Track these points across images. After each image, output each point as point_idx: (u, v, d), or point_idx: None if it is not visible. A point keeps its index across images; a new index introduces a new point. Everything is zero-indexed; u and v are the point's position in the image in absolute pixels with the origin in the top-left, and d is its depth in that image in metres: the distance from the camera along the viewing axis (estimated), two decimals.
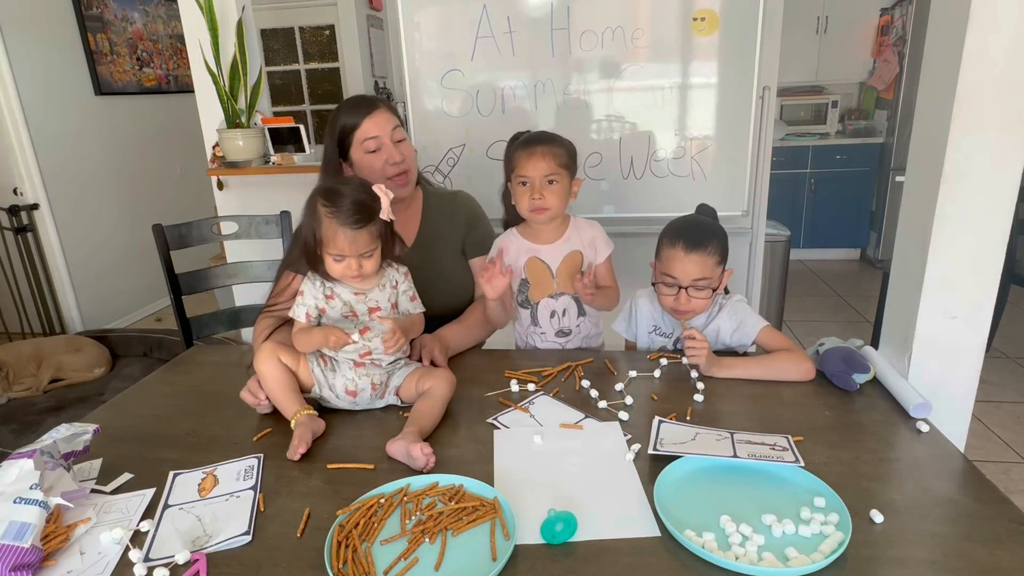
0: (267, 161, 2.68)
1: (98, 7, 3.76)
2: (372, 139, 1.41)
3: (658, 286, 1.34)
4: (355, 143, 1.42)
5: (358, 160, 1.43)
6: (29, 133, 3.38)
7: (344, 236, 1.09)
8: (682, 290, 1.30)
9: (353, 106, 1.45)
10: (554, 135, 1.40)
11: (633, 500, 0.91)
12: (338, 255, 1.12)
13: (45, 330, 3.41)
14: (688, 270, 1.28)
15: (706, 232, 1.32)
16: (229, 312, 1.97)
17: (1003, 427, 2.51)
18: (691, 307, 1.31)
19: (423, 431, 1.07)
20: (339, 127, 1.43)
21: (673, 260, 1.30)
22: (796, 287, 4.09)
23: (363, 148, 1.41)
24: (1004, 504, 0.88)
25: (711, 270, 1.29)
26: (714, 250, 1.29)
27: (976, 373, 1.22)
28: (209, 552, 0.84)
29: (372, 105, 1.43)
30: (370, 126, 1.41)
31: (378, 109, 1.43)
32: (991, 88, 1.06)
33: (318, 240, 1.12)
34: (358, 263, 1.12)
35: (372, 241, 1.13)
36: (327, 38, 5.18)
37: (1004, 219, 1.13)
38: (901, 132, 4.26)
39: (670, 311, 1.35)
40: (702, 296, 1.30)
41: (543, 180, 1.34)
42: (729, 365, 1.26)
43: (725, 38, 1.99)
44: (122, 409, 1.28)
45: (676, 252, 1.29)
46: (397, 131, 1.44)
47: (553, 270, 1.43)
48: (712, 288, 1.30)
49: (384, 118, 1.43)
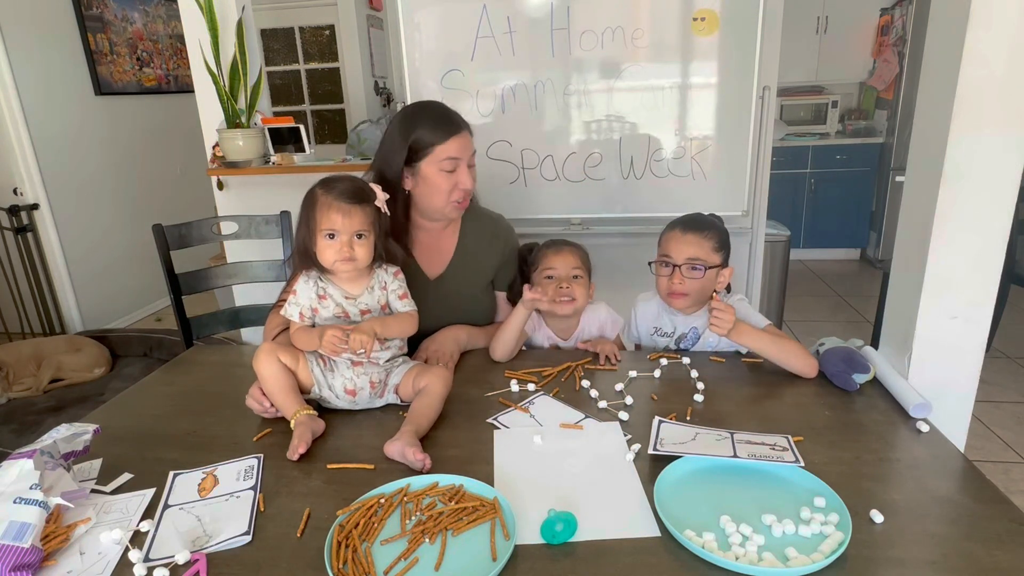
0: (267, 161, 2.68)
1: (98, 7, 3.76)
2: (453, 159, 1.37)
3: (656, 269, 1.39)
4: (433, 157, 1.36)
5: (429, 174, 1.37)
6: (29, 133, 3.38)
7: (338, 210, 1.11)
8: (676, 269, 1.33)
9: (440, 120, 1.39)
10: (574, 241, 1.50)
11: (633, 500, 0.91)
12: (330, 231, 1.12)
13: (45, 330, 3.41)
14: (683, 249, 1.34)
15: (705, 221, 1.39)
16: (229, 312, 1.97)
17: (1003, 427, 2.51)
18: (685, 288, 1.34)
19: (420, 430, 1.07)
20: (418, 135, 1.36)
21: (670, 240, 1.37)
22: (796, 287, 4.09)
23: (440, 165, 1.36)
24: (1004, 504, 0.88)
25: (707, 253, 1.33)
26: (711, 235, 1.35)
27: (976, 373, 1.22)
28: (209, 552, 0.84)
29: (460, 126, 1.39)
30: (456, 146, 1.37)
31: (465, 131, 1.40)
32: (991, 88, 1.06)
33: (312, 227, 1.13)
34: (350, 245, 1.12)
35: (365, 223, 1.14)
36: (327, 38, 5.18)
37: (1004, 219, 1.13)
38: (901, 132, 4.26)
39: (665, 296, 1.38)
40: (696, 278, 1.33)
41: (569, 273, 1.43)
42: (745, 332, 1.26)
43: (725, 38, 1.99)
44: (122, 409, 1.28)
45: (674, 233, 1.37)
46: (473, 157, 1.42)
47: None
48: (707, 268, 1.33)
49: (469, 142, 1.40)
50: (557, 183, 2.15)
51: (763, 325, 1.31)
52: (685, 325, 1.42)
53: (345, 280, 1.19)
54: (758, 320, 1.32)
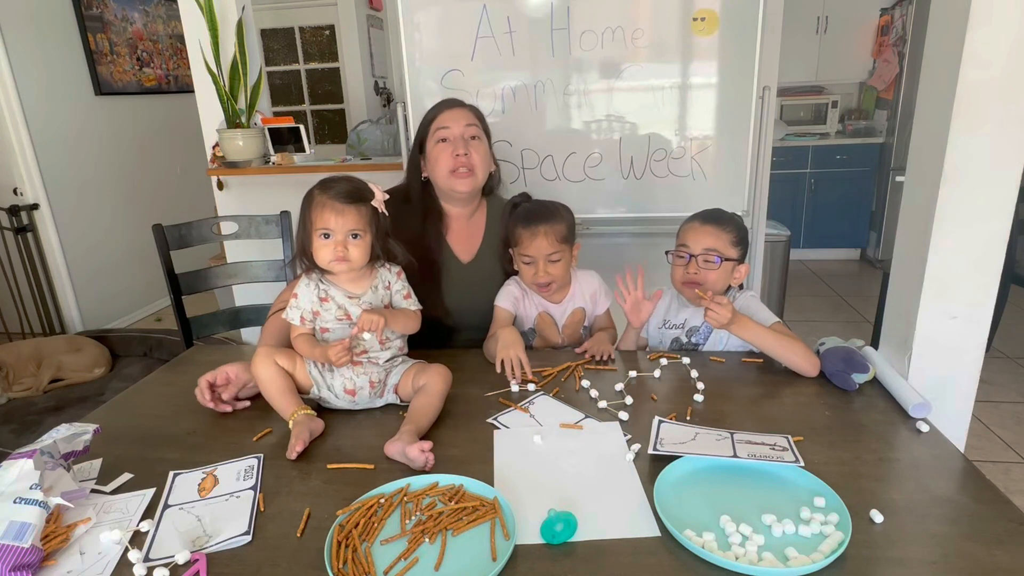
0: (267, 161, 2.68)
1: (98, 7, 3.76)
2: (444, 129, 1.45)
3: (673, 259, 1.40)
4: (430, 133, 1.47)
5: (429, 151, 1.47)
6: (29, 133, 3.38)
7: (332, 209, 1.11)
8: (692, 259, 1.34)
9: (440, 102, 1.51)
10: (553, 208, 1.45)
11: (633, 500, 0.91)
12: (324, 230, 1.12)
13: (45, 330, 3.41)
14: (700, 239, 1.35)
15: (724, 216, 1.40)
16: (229, 312, 1.97)
17: (1003, 427, 2.51)
18: (700, 278, 1.34)
19: (420, 429, 1.07)
20: (423, 121, 1.50)
21: (688, 231, 1.38)
22: (796, 287, 4.09)
23: (436, 137, 1.46)
24: (1004, 504, 0.88)
25: (724, 246, 1.34)
26: (730, 228, 1.36)
27: (976, 373, 1.22)
28: (209, 552, 0.84)
29: (456, 103, 1.50)
30: (446, 117, 1.46)
31: (460, 106, 1.48)
32: (991, 88, 1.06)
33: (308, 227, 1.13)
34: (344, 245, 1.12)
35: (360, 222, 1.13)
36: (327, 38, 5.19)
37: (1004, 219, 1.13)
38: (901, 132, 4.26)
39: (680, 286, 1.39)
40: (711, 268, 1.33)
41: (546, 260, 1.40)
42: (748, 326, 1.27)
43: (725, 38, 1.99)
44: (122, 409, 1.28)
45: (693, 224, 1.38)
46: (471, 128, 1.47)
47: (560, 326, 1.49)
48: (724, 259, 1.33)
49: (461, 114, 1.47)
50: (557, 183, 2.15)
51: (771, 322, 1.31)
52: (697, 317, 1.42)
53: (346, 280, 1.19)
54: (766, 316, 1.32)
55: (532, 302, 1.49)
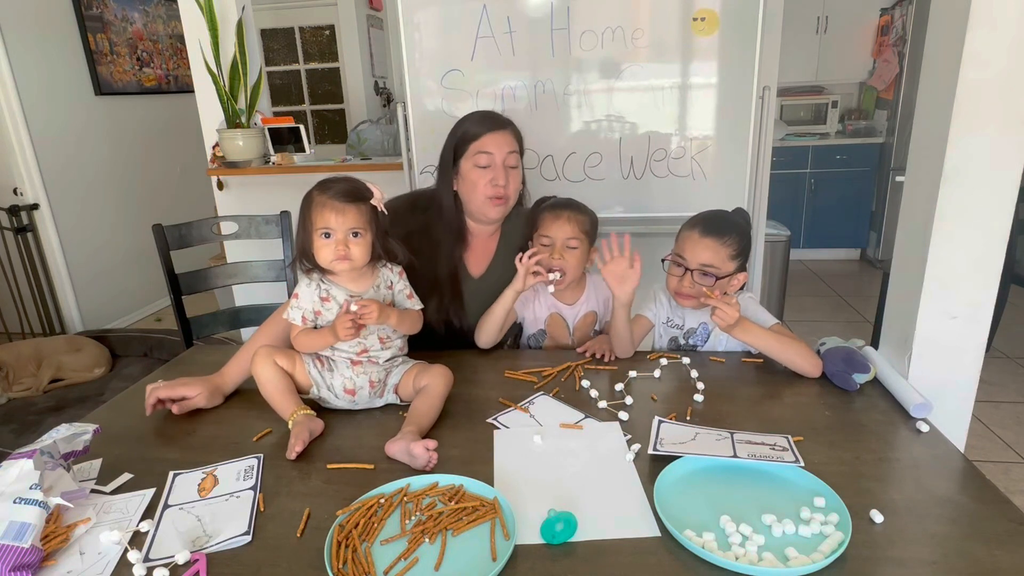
0: (267, 161, 2.68)
1: (98, 7, 3.76)
2: (485, 154, 1.39)
3: (669, 267, 1.36)
4: (469, 153, 1.41)
5: (465, 172, 1.42)
6: (29, 133, 3.38)
7: (332, 208, 1.11)
8: (688, 273, 1.30)
9: (482, 118, 1.44)
10: (581, 204, 1.45)
11: (633, 500, 0.91)
12: (325, 229, 1.12)
13: (45, 330, 3.41)
14: (698, 253, 1.30)
15: (727, 224, 1.33)
16: (229, 312, 1.97)
17: (1003, 427, 2.51)
18: (694, 292, 1.31)
19: (421, 429, 1.07)
20: (461, 132, 1.43)
21: (686, 241, 1.32)
22: (796, 287, 4.09)
23: (474, 160, 1.40)
24: (1004, 504, 0.88)
25: (722, 261, 1.29)
26: (731, 242, 1.30)
27: (976, 373, 1.22)
28: (209, 552, 0.84)
29: (500, 124, 1.43)
30: (488, 141, 1.40)
31: (504, 129, 1.42)
32: (991, 88, 1.06)
33: (308, 228, 1.13)
34: (345, 244, 1.12)
35: (360, 221, 1.13)
36: (327, 38, 5.19)
37: (1004, 219, 1.13)
38: (901, 132, 4.26)
39: (673, 293, 1.37)
40: (707, 284, 1.29)
41: (564, 243, 1.39)
42: (750, 329, 1.25)
43: (725, 38, 1.99)
44: (122, 409, 1.28)
45: (692, 234, 1.32)
46: (512, 156, 1.42)
47: (571, 328, 1.48)
48: (718, 277, 1.29)
49: (505, 139, 1.42)
50: (557, 183, 2.14)
51: (770, 324, 1.31)
52: (695, 320, 1.42)
53: (348, 279, 1.19)
54: (766, 319, 1.32)
55: (543, 303, 1.48)
